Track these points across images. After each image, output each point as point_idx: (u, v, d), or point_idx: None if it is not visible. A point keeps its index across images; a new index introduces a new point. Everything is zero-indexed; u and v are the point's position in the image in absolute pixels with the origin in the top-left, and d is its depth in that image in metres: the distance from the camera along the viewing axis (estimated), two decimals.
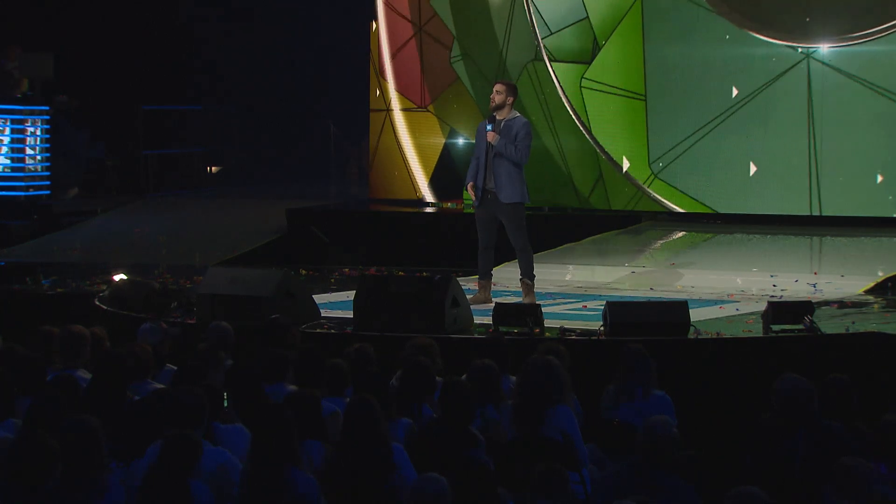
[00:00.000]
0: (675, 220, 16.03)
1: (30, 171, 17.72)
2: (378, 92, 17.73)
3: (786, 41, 15.44)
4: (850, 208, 15.24)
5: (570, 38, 16.28)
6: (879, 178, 15.08)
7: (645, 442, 6.47)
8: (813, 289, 11.98)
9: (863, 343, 9.59)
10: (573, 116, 16.28)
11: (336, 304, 11.48)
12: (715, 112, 15.63)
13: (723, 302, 11.62)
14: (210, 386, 7.09)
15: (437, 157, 17.32)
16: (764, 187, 15.52)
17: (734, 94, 15.54)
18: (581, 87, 16.17)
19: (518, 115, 11.43)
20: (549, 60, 16.30)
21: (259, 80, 21.79)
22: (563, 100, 16.31)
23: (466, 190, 11.56)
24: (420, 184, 17.47)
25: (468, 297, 10.62)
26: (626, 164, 16.10)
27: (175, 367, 8.15)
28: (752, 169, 15.54)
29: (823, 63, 15.22)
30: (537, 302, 10.74)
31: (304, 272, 13.78)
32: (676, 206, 15.92)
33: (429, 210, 17.29)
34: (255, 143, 22.31)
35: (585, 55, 16.19)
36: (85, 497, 5.88)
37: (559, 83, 16.35)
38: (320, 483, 6.16)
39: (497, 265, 11.87)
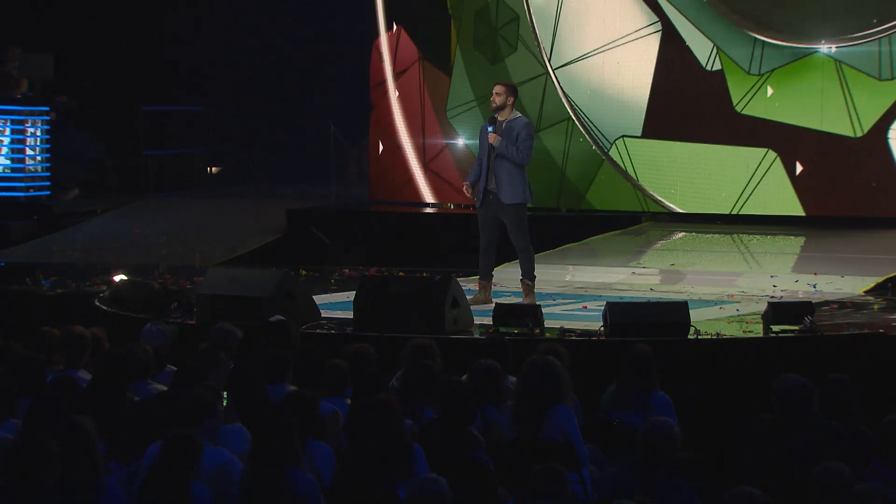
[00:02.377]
0: (675, 220, 16.02)
1: (30, 171, 17.69)
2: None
3: (785, 41, 15.44)
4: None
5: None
6: None
7: (645, 442, 6.48)
8: (813, 289, 11.97)
9: (863, 343, 9.59)
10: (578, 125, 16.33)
11: (336, 304, 11.47)
12: None
13: (723, 302, 11.62)
14: (210, 386, 7.08)
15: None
16: None
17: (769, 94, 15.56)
18: None
19: (519, 115, 11.44)
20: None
21: (259, 80, 21.78)
22: (568, 110, 16.35)
23: (463, 190, 11.59)
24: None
25: (468, 297, 10.61)
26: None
27: (175, 368, 8.15)
28: (798, 168, 15.51)
29: None
30: (537, 302, 10.74)
31: (304, 272, 13.77)
32: None
33: (429, 210, 17.29)
34: (255, 143, 22.30)
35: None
36: (83, 497, 5.88)
37: (562, 89, 16.38)
38: (334, 484, 6.14)
39: (497, 265, 11.87)
